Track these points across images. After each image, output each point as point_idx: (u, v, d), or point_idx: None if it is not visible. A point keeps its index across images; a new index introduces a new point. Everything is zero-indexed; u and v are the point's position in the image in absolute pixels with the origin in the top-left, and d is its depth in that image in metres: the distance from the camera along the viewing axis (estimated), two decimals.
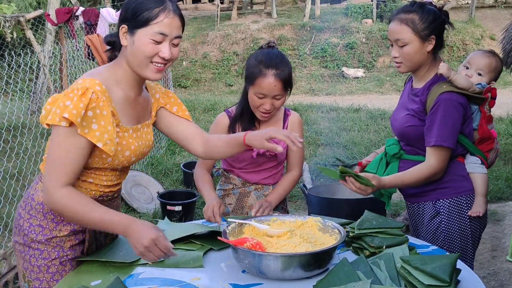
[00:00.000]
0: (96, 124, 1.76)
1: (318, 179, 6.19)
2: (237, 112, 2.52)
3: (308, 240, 1.92)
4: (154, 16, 1.80)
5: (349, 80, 13.14)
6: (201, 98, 10.24)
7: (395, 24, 2.34)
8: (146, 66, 1.85)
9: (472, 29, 14.95)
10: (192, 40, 15.46)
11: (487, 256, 4.26)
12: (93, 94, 1.76)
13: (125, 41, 1.85)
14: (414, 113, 2.38)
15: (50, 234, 1.91)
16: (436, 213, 2.43)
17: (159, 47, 1.82)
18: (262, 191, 2.63)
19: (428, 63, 2.37)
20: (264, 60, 2.36)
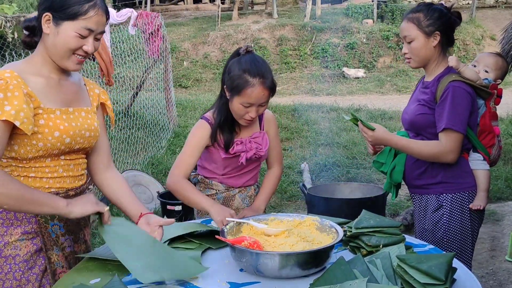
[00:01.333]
0: (9, 106, 1.72)
1: (318, 179, 6.20)
2: (218, 121, 2.44)
3: (306, 239, 1.93)
4: (83, 11, 1.82)
5: (350, 80, 13.15)
6: (201, 98, 10.25)
7: (404, 23, 2.52)
8: (68, 58, 1.87)
9: (473, 29, 14.95)
10: (193, 40, 15.46)
11: (485, 255, 4.28)
12: (1, 80, 1.74)
13: (48, 29, 1.84)
14: (424, 103, 2.50)
15: (2, 239, 1.85)
16: (438, 206, 2.52)
17: (83, 41, 1.85)
18: (246, 192, 2.64)
19: (436, 58, 2.51)
20: (250, 69, 2.30)
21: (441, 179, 2.51)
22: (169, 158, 6.74)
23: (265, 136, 2.56)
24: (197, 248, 2.05)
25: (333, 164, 6.48)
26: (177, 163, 2.50)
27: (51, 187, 1.91)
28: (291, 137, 7.62)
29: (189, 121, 8.34)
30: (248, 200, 2.64)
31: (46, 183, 1.89)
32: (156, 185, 5.67)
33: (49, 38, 1.85)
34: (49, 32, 1.84)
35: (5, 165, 1.85)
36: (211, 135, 2.45)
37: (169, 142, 7.41)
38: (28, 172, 1.86)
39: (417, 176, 2.58)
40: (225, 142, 2.46)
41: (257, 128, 2.57)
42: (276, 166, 2.66)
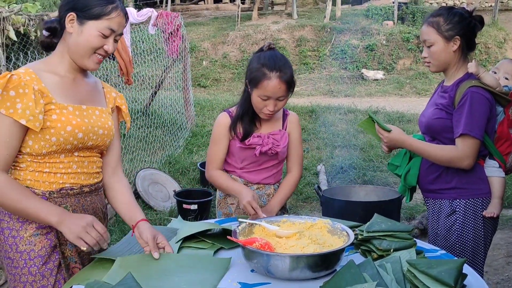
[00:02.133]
0: (20, 103, 1.80)
1: (334, 181, 6.20)
2: (238, 113, 2.57)
3: (317, 242, 1.95)
4: (107, 12, 1.91)
5: (369, 82, 13.09)
6: (219, 98, 10.30)
7: (424, 27, 2.51)
8: (89, 57, 1.94)
9: (495, 32, 14.76)
10: (213, 40, 15.53)
11: (501, 262, 4.24)
12: (14, 76, 1.81)
13: (71, 28, 1.91)
14: (442, 107, 2.49)
15: (18, 235, 1.90)
16: (452, 212, 2.51)
17: (104, 41, 1.93)
18: (264, 190, 2.68)
19: (456, 62, 2.50)
20: (268, 63, 2.41)
21: (455, 184, 2.50)
22: (186, 157, 6.79)
23: (285, 135, 2.62)
24: (210, 248, 2.08)
25: (349, 166, 6.47)
26: (207, 158, 2.68)
27: (65, 182, 1.95)
28: (308, 139, 7.62)
29: (207, 121, 8.39)
30: (266, 198, 2.68)
31: (60, 179, 1.94)
32: (172, 183, 5.73)
33: (72, 37, 1.92)
34: (73, 31, 1.91)
35: (20, 161, 1.91)
36: (230, 126, 2.56)
37: (186, 141, 7.47)
38: (43, 167, 1.91)
39: (431, 181, 2.57)
40: (243, 133, 2.56)
41: (278, 127, 2.64)
42: (295, 170, 2.69)
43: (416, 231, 4.81)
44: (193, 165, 6.42)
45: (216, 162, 2.63)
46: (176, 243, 2.09)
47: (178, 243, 2.08)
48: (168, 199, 5.48)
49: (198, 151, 7.10)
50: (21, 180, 1.90)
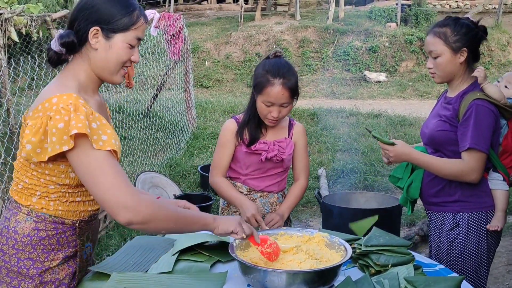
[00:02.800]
0: (104, 135, 1.70)
1: (335, 185, 6.18)
2: (245, 119, 2.61)
3: (314, 257, 1.94)
4: (134, 21, 1.78)
5: (371, 84, 13.07)
6: (221, 100, 10.29)
7: (430, 37, 2.46)
8: (118, 71, 1.82)
9: (498, 35, 14.72)
10: (215, 40, 15.52)
11: (502, 270, 4.22)
12: (84, 107, 1.67)
13: (97, 44, 1.76)
14: (446, 119, 2.47)
15: (42, 266, 1.79)
16: (455, 225, 2.49)
17: (131, 52, 1.81)
18: (267, 198, 2.69)
19: (461, 74, 2.47)
20: (272, 70, 2.44)
21: (459, 197, 2.48)
22: (187, 160, 6.78)
23: (291, 144, 2.65)
24: (206, 261, 2.07)
25: (350, 170, 6.45)
26: (212, 164, 2.70)
27: (91, 209, 1.89)
28: (309, 142, 7.60)
29: (208, 123, 8.39)
30: (269, 206, 2.69)
31: (88, 206, 1.87)
32: (173, 187, 5.71)
33: (98, 53, 1.77)
34: (99, 46, 1.77)
35: (51, 191, 1.78)
36: (237, 132, 2.60)
37: (187, 144, 7.46)
38: (75, 196, 1.83)
39: (434, 194, 2.55)
40: (250, 138, 2.59)
41: (284, 135, 2.67)
42: (302, 179, 2.72)
43: (416, 237, 4.80)
44: (193, 168, 6.41)
45: (221, 168, 2.65)
46: (172, 255, 2.08)
47: (174, 256, 2.07)
48: None
49: (199, 153, 7.10)
50: (51, 211, 1.79)
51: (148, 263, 2.05)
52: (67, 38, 1.75)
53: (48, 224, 1.79)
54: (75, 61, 1.82)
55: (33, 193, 1.78)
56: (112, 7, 1.76)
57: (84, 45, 1.78)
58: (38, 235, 1.78)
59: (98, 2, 1.76)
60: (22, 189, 1.80)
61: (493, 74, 13.72)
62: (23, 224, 1.77)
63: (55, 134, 1.62)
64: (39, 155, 1.68)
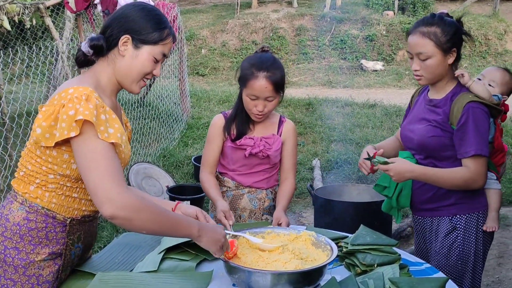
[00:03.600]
0: (111, 128, 1.75)
1: (329, 176, 6.19)
2: (232, 114, 2.61)
3: (300, 256, 1.93)
4: (164, 37, 1.88)
5: (368, 73, 13.02)
6: (217, 89, 10.23)
7: (417, 37, 2.32)
8: (138, 81, 1.90)
9: (496, 23, 14.64)
10: (212, 28, 15.42)
11: (493, 263, 4.24)
12: (97, 100, 1.74)
13: (125, 51, 1.85)
14: (436, 124, 2.37)
15: (27, 258, 1.80)
16: (452, 229, 2.43)
17: (155, 65, 1.89)
18: (255, 194, 2.68)
19: (447, 75, 2.39)
20: (256, 63, 2.46)
21: (455, 200, 2.40)
22: (181, 150, 6.77)
23: (278, 140, 2.63)
24: (192, 260, 2.07)
25: (344, 161, 6.45)
26: (202, 160, 2.71)
27: (86, 209, 1.90)
28: (304, 132, 7.59)
29: (203, 113, 8.35)
30: (257, 202, 2.68)
31: (83, 205, 1.89)
32: (166, 178, 5.71)
33: (124, 60, 1.86)
34: (126, 54, 1.86)
35: (50, 181, 1.82)
36: (224, 126, 2.60)
37: (182, 133, 7.44)
38: (72, 192, 1.85)
39: (427, 200, 2.47)
40: (236, 133, 2.60)
41: (273, 131, 2.66)
42: (290, 179, 2.68)
43: (409, 229, 4.81)
44: (187, 158, 6.40)
45: (209, 164, 2.66)
46: (158, 254, 2.07)
47: (160, 254, 2.07)
48: (161, 193, 5.47)
49: (193, 144, 7.08)
50: (44, 202, 1.82)
51: (133, 262, 2.06)
52: (97, 41, 1.85)
53: (39, 216, 1.81)
54: (100, 63, 1.91)
55: (32, 181, 1.82)
56: (146, 21, 1.86)
57: (112, 50, 1.87)
58: (27, 225, 1.80)
59: (133, 14, 1.88)
60: (23, 176, 1.84)
61: (490, 63, 13.67)
62: (16, 212, 1.81)
63: (65, 120, 1.68)
64: (47, 140, 1.74)
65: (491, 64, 13.56)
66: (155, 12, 1.90)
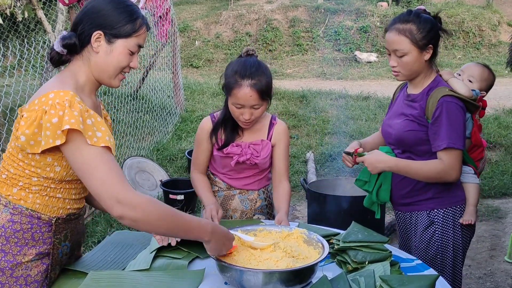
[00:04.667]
0: (99, 132, 1.72)
1: (323, 169, 6.20)
2: (219, 119, 2.52)
3: (291, 254, 1.94)
4: (137, 28, 1.84)
5: (362, 65, 13.03)
6: (210, 82, 10.22)
7: (393, 35, 2.34)
8: (116, 76, 1.88)
9: (490, 14, 14.67)
10: (205, 19, 15.38)
11: (485, 255, 4.27)
12: (80, 104, 1.70)
13: (98, 48, 1.82)
14: (413, 118, 2.40)
15: (14, 260, 1.78)
16: (430, 223, 2.45)
17: (131, 58, 1.87)
18: (247, 195, 2.64)
19: (424, 71, 2.41)
20: (239, 70, 2.34)
21: (433, 194, 2.44)
22: (174, 144, 6.76)
23: (268, 146, 2.55)
24: (185, 258, 2.07)
25: (338, 154, 6.46)
26: (192, 162, 2.66)
27: (71, 207, 1.89)
28: (298, 125, 7.59)
29: (197, 106, 8.34)
30: (248, 203, 2.65)
31: (68, 204, 1.88)
32: (160, 172, 5.70)
33: (98, 56, 1.83)
34: (100, 50, 1.82)
35: (34, 184, 1.79)
36: (211, 132, 2.52)
37: (175, 127, 7.43)
38: (56, 192, 1.83)
39: (406, 194, 2.50)
40: (224, 140, 2.52)
41: (263, 136, 2.56)
42: (284, 181, 2.59)
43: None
44: (181, 152, 6.39)
45: (198, 165, 2.62)
46: (151, 253, 2.07)
47: (152, 253, 2.07)
48: (155, 187, 5.46)
49: (187, 137, 7.07)
50: (28, 203, 1.79)
51: (126, 260, 2.05)
52: (69, 40, 1.81)
53: (24, 217, 1.80)
54: (75, 62, 1.86)
55: (15, 184, 1.80)
56: (117, 14, 1.83)
57: (85, 48, 1.84)
58: (12, 227, 1.78)
59: (104, 8, 1.83)
60: (5, 179, 1.82)
61: (484, 54, 13.72)
62: (0, 215, 1.78)
63: (49, 128, 1.66)
64: (32, 147, 1.72)
65: (485, 56, 13.60)
66: (125, 3, 1.84)
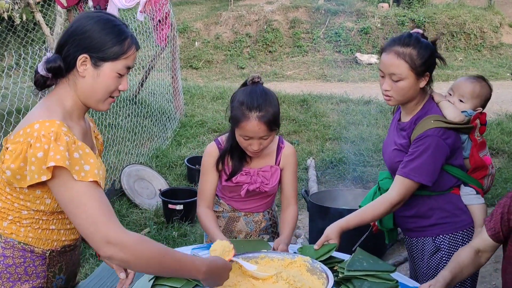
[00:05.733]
0: (87, 165, 1.63)
1: (324, 176, 6.13)
2: (226, 148, 2.43)
3: (294, 285, 1.87)
4: (125, 50, 1.74)
5: (362, 66, 12.94)
6: (210, 86, 10.12)
7: (392, 57, 2.22)
8: (105, 100, 1.77)
9: (491, 16, 14.56)
10: (205, 20, 15.27)
11: (489, 268, 4.19)
12: (66, 136, 1.61)
13: (84, 72, 1.71)
14: (402, 148, 2.34)
15: None
16: (436, 250, 2.39)
17: (120, 80, 1.76)
18: (252, 217, 2.59)
19: (418, 98, 2.32)
20: (247, 102, 2.25)
21: (436, 220, 2.37)
22: (174, 150, 6.68)
23: (277, 172, 2.47)
24: (184, 286, 1.99)
25: (339, 161, 6.39)
26: (198, 193, 2.54)
27: (66, 239, 1.81)
28: (298, 130, 7.51)
29: (197, 110, 8.26)
30: (253, 225, 2.59)
31: (63, 235, 1.80)
32: (159, 180, 5.63)
33: (85, 81, 1.72)
34: (86, 74, 1.72)
35: (24, 217, 1.71)
36: (218, 159, 2.44)
37: (174, 132, 7.35)
38: (49, 224, 1.75)
39: (409, 219, 2.44)
40: (232, 169, 2.44)
41: (271, 161, 2.49)
42: (292, 205, 2.53)
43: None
44: (180, 159, 6.31)
45: (206, 197, 2.48)
46: (149, 281, 2.00)
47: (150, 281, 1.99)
48: (154, 196, 5.39)
49: (186, 143, 6.99)
50: (20, 237, 1.71)
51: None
52: (54, 63, 1.71)
53: (16, 251, 1.72)
54: (61, 86, 1.76)
55: (5, 217, 1.72)
56: (103, 35, 1.72)
57: (71, 71, 1.74)
58: (4, 262, 1.71)
59: (89, 29, 1.72)
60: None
61: (485, 56, 13.63)
62: None
63: (34, 163, 1.58)
64: (19, 181, 1.64)
65: (486, 58, 13.52)
66: (112, 23, 1.74)
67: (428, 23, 13.99)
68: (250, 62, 13.73)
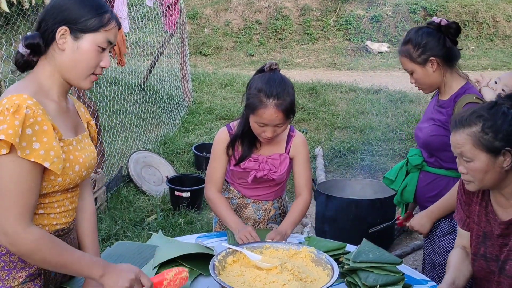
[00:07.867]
0: (37, 143, 1.56)
1: (332, 165, 6.10)
2: (237, 133, 2.42)
3: (299, 276, 1.85)
4: (105, 22, 1.69)
5: (373, 55, 12.83)
6: (219, 72, 10.08)
7: (400, 57, 2.47)
8: (87, 77, 1.73)
9: (504, 5, 14.36)
10: (215, 6, 15.18)
11: None
12: (28, 109, 1.55)
13: (64, 45, 1.67)
14: (440, 123, 2.42)
15: (3, 285, 1.67)
16: (451, 230, 2.43)
17: (101, 56, 1.72)
18: (261, 204, 2.57)
19: (445, 80, 2.43)
20: (265, 89, 2.23)
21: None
22: (182, 137, 6.67)
23: (286, 160, 2.45)
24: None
25: (347, 150, 6.35)
26: (207, 176, 2.52)
27: (58, 223, 1.77)
28: (307, 118, 7.47)
29: (205, 97, 8.23)
30: (262, 213, 2.58)
31: (53, 219, 1.75)
32: (166, 166, 5.63)
33: (65, 54, 1.68)
34: (66, 47, 1.67)
35: None
36: (228, 144, 2.43)
37: (182, 119, 7.33)
38: (37, 209, 1.69)
39: (430, 198, 2.50)
40: (241, 155, 2.43)
41: (281, 149, 2.46)
42: (305, 193, 2.47)
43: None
44: (188, 146, 6.30)
45: (215, 181, 2.47)
46: (152, 269, 1.99)
47: (154, 270, 1.99)
48: (161, 182, 5.39)
49: (194, 130, 6.97)
50: None
51: None
52: (32, 40, 1.67)
53: None
54: (40, 64, 1.72)
55: None
56: (82, 7, 1.68)
57: (50, 46, 1.69)
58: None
59: (67, 2, 1.68)
60: None
61: (498, 45, 13.48)
62: None
63: None
64: None
65: (499, 47, 13.36)
66: None
67: (440, 12, 13.81)
68: (259, 49, 13.65)
